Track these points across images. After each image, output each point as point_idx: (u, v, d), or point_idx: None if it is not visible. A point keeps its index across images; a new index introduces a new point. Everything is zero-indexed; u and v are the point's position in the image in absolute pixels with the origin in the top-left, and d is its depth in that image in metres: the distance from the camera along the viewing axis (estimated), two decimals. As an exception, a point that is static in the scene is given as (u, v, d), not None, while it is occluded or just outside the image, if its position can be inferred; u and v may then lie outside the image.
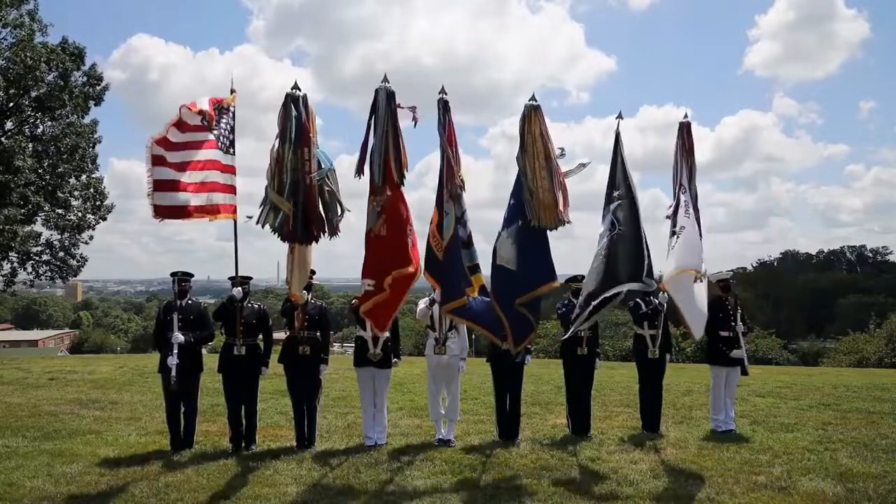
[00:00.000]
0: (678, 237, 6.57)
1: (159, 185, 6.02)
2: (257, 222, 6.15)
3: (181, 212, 6.16)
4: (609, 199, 6.60)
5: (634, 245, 6.27)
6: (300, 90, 6.17)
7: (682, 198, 6.77)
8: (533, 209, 6.36)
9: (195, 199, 6.19)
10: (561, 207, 6.36)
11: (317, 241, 6.27)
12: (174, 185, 6.08)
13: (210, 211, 6.30)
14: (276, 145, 6.09)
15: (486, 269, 6.67)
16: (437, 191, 6.36)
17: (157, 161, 6.01)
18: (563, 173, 6.50)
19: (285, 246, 6.30)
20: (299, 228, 6.08)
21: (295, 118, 6.08)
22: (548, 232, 6.50)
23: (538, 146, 6.37)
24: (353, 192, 6.67)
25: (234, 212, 6.45)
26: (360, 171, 6.13)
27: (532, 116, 6.43)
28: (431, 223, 6.39)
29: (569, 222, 6.46)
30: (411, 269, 6.17)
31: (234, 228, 6.44)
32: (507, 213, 6.60)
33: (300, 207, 6.05)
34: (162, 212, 6.06)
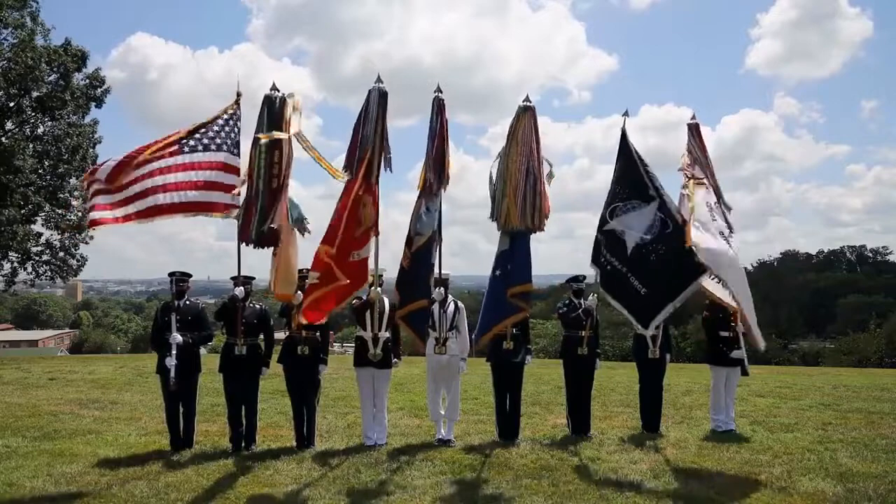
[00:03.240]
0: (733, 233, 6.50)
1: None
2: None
3: (158, 210, 6.08)
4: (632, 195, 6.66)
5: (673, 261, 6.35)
6: (278, 91, 6.21)
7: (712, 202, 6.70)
8: (499, 209, 6.45)
9: (177, 198, 6.13)
10: (528, 213, 6.39)
11: (269, 246, 6.28)
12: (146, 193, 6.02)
13: (203, 208, 6.28)
14: (252, 147, 6.16)
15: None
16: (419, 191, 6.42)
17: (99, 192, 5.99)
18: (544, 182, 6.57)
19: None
20: (253, 231, 6.13)
21: (268, 119, 6.12)
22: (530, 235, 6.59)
23: (519, 149, 6.41)
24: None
25: (230, 210, 6.44)
26: (348, 167, 6.15)
27: (520, 119, 6.46)
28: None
29: (531, 229, 6.51)
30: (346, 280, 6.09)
31: (237, 228, 6.44)
32: None
33: (262, 209, 6.09)
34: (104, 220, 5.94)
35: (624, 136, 6.93)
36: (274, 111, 6.19)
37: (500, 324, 6.76)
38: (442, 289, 6.74)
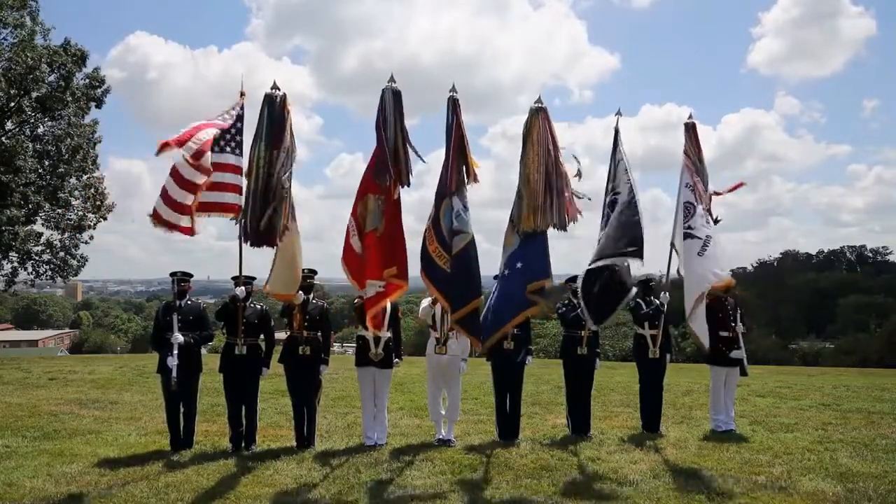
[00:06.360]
0: (707, 247, 6.76)
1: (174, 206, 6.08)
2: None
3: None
4: (609, 195, 6.77)
5: (630, 224, 6.51)
6: (279, 89, 6.22)
7: (699, 208, 6.90)
8: (518, 213, 6.42)
9: (204, 198, 6.22)
10: (555, 210, 6.38)
11: (270, 246, 6.29)
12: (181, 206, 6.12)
13: (222, 209, 6.33)
14: (251, 146, 6.18)
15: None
16: (437, 191, 6.38)
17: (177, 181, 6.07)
18: (567, 180, 6.55)
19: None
20: (258, 229, 6.13)
21: (268, 118, 6.12)
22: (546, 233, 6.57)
23: (537, 150, 6.39)
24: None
25: (239, 211, 6.46)
26: (381, 172, 6.11)
27: (533, 120, 6.45)
28: (427, 229, 6.40)
29: (556, 226, 6.48)
30: (402, 281, 6.25)
31: (240, 228, 6.44)
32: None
33: (261, 209, 6.11)
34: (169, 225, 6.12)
35: (616, 136, 7.01)
36: (274, 110, 6.21)
37: (516, 318, 6.66)
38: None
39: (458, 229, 6.23)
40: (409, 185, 6.26)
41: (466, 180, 6.32)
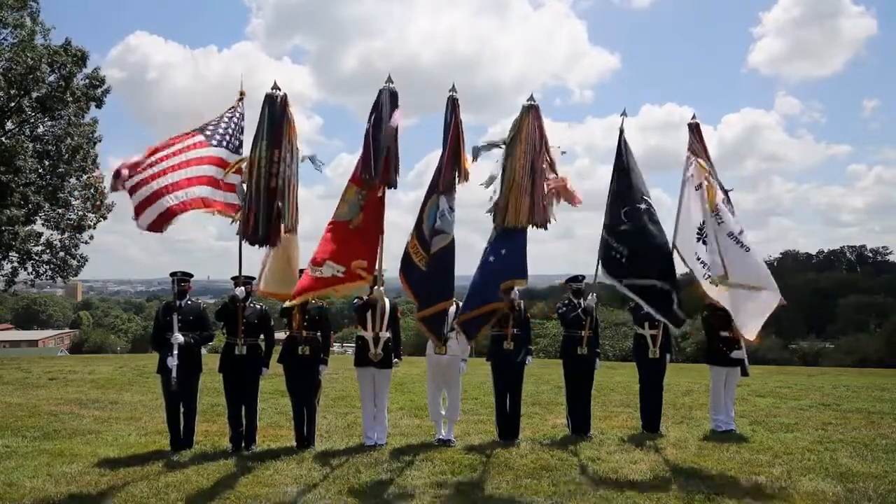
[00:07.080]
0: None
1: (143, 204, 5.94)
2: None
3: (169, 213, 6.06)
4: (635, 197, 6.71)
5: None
6: (280, 90, 6.23)
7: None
8: (499, 208, 6.42)
9: (180, 197, 6.07)
10: (537, 209, 6.38)
11: (272, 245, 6.28)
12: (156, 195, 5.95)
13: (205, 204, 6.25)
14: (252, 146, 6.19)
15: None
16: (427, 188, 6.38)
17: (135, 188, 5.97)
18: (552, 178, 6.54)
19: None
20: (260, 230, 6.12)
21: (268, 118, 6.12)
22: (527, 232, 6.54)
23: (524, 147, 6.40)
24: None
25: (238, 211, 6.45)
26: (367, 169, 6.12)
27: (524, 118, 6.46)
28: (413, 238, 6.41)
29: (536, 224, 6.45)
30: (367, 275, 6.24)
31: (239, 227, 6.44)
32: None
33: (263, 208, 6.10)
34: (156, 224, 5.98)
35: (622, 136, 6.98)
36: (275, 110, 6.21)
37: (480, 308, 6.53)
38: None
39: (440, 229, 6.23)
40: (394, 188, 6.28)
41: (457, 181, 6.33)
